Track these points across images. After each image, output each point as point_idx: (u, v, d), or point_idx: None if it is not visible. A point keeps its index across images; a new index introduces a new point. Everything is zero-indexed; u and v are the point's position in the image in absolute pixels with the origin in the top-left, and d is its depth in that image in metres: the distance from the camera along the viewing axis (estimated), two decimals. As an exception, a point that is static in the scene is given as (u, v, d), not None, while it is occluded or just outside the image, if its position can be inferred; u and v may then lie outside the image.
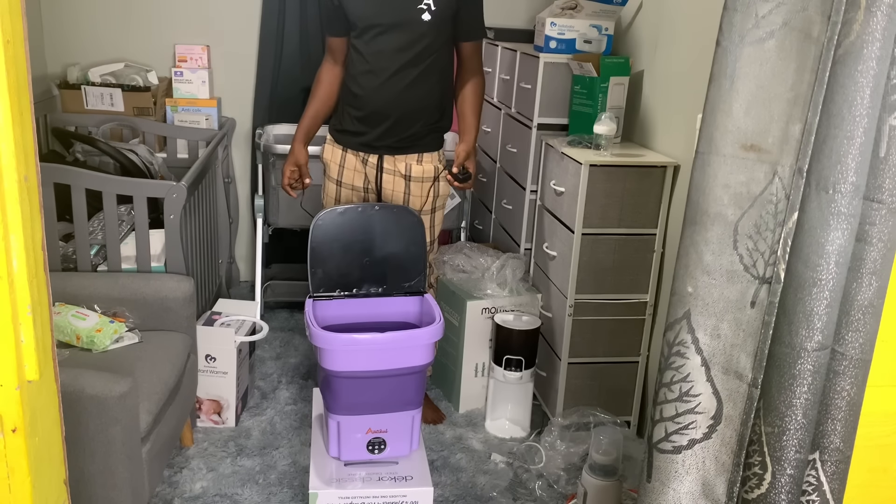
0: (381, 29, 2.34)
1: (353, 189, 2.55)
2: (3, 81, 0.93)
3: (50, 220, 2.43)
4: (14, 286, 0.98)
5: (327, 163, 2.58)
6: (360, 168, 2.52)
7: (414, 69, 2.37)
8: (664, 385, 1.38)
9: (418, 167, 2.48)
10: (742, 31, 1.20)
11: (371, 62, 2.38)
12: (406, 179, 2.49)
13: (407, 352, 2.02)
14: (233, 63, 3.66)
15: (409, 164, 2.48)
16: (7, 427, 1.01)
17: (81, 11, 3.52)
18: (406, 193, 2.50)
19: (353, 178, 2.53)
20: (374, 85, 2.39)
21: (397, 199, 2.51)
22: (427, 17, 2.32)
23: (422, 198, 2.51)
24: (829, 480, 1.32)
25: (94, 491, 1.87)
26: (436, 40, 2.37)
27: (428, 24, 2.32)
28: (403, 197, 2.50)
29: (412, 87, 2.39)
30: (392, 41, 2.34)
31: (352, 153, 2.52)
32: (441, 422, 2.78)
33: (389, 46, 2.35)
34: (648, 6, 2.84)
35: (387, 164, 2.48)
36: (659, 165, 2.53)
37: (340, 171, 2.54)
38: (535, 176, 2.93)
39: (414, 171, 2.48)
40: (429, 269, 2.58)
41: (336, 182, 2.56)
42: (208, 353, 2.59)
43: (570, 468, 2.47)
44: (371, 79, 2.39)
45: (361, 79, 2.41)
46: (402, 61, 2.36)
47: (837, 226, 1.16)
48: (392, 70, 2.36)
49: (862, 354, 1.25)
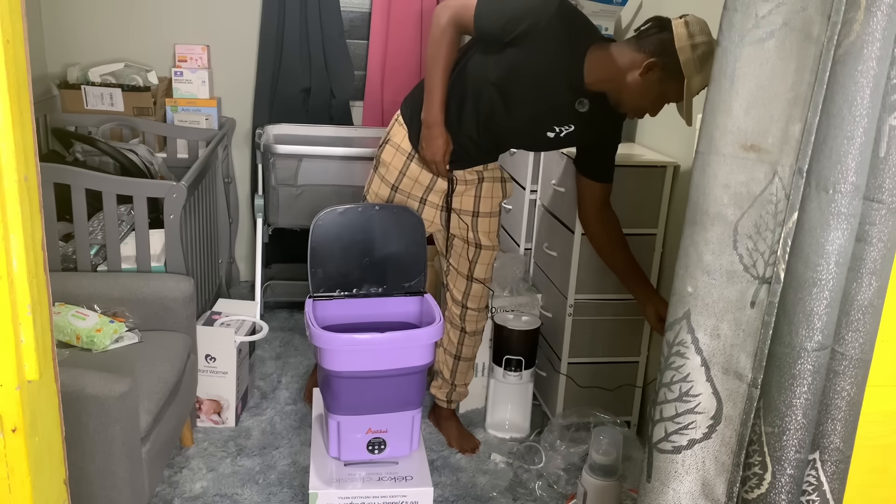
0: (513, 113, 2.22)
1: (409, 196, 2.43)
2: (3, 81, 0.93)
3: (50, 220, 2.43)
4: (14, 286, 0.98)
5: (386, 164, 2.42)
6: (423, 181, 2.40)
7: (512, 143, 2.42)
8: (664, 385, 1.38)
9: (487, 171, 2.45)
10: (742, 31, 1.20)
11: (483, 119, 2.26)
12: (479, 182, 2.44)
13: (407, 352, 2.02)
14: (233, 63, 3.66)
15: (479, 171, 2.44)
16: (7, 427, 1.01)
17: (81, 11, 3.52)
18: (477, 196, 2.45)
19: (412, 188, 2.42)
20: (472, 134, 2.29)
21: (466, 201, 2.44)
22: (551, 136, 2.25)
23: (492, 199, 2.47)
24: (829, 480, 1.32)
25: (94, 491, 1.87)
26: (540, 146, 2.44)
27: (548, 141, 2.27)
28: (474, 200, 2.45)
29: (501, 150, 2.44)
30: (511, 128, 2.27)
31: (416, 164, 2.38)
32: (477, 451, 2.65)
33: (504, 127, 2.27)
34: (648, 6, 2.84)
35: (458, 175, 2.41)
36: (659, 165, 2.53)
37: (400, 178, 2.40)
38: (535, 176, 2.93)
39: (485, 173, 2.45)
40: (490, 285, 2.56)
41: (392, 187, 2.42)
42: (208, 353, 2.59)
43: (570, 468, 2.47)
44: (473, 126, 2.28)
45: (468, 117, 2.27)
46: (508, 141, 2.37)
47: (837, 226, 1.16)
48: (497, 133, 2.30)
49: (862, 354, 1.25)
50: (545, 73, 2.13)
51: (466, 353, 2.62)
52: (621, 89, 2.09)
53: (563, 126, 2.22)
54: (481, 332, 2.63)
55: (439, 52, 2.17)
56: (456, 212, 2.45)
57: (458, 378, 2.65)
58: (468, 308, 2.55)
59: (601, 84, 2.12)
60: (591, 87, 2.13)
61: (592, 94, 2.15)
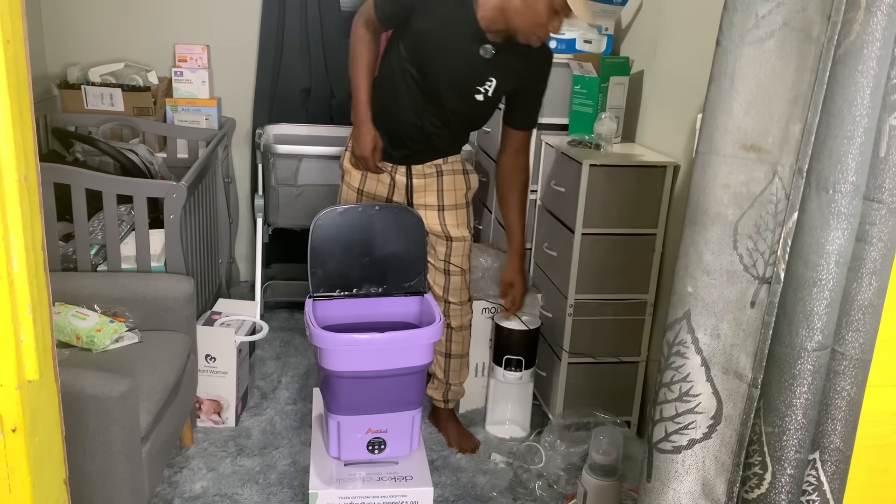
0: (438, 88, 2.31)
1: (374, 198, 2.50)
2: (3, 81, 0.93)
3: (50, 220, 2.43)
4: (14, 286, 0.98)
5: (349, 171, 2.50)
6: (384, 179, 2.48)
7: (456, 123, 2.43)
8: (664, 385, 1.38)
9: (447, 165, 2.51)
10: (742, 31, 1.20)
11: (418, 102, 2.34)
12: (438, 175, 2.49)
13: (407, 352, 2.02)
14: (233, 63, 3.66)
15: (437, 164, 2.49)
16: (7, 427, 1.01)
17: (81, 11, 3.52)
18: (439, 189, 2.49)
19: (376, 188, 2.49)
20: (415, 120, 2.37)
21: (430, 197, 2.48)
22: (480, 98, 2.33)
23: (455, 191, 2.51)
24: (830, 480, 1.32)
25: (94, 491, 1.87)
26: (483, 113, 2.44)
27: (480, 104, 2.35)
28: (436, 194, 2.48)
29: (448, 135, 2.44)
30: (443, 101, 2.33)
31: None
32: (477, 451, 2.66)
33: (438, 104, 2.34)
34: (648, 6, 2.84)
35: (415, 170, 2.47)
36: (659, 165, 2.53)
37: (363, 181, 2.49)
38: (535, 176, 2.93)
39: (444, 167, 2.50)
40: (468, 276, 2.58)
41: (357, 191, 2.50)
42: (208, 353, 2.59)
43: (570, 468, 2.47)
44: (413, 115, 2.36)
45: (405, 109, 2.36)
46: (447, 118, 2.38)
47: (837, 226, 1.16)
48: (436, 120, 2.37)
49: (862, 354, 1.25)
50: (445, 32, 2.24)
51: (457, 350, 2.64)
52: (512, 17, 2.17)
53: (485, 82, 2.30)
54: (468, 328, 2.65)
55: (357, 55, 2.34)
56: (422, 207, 2.49)
57: (452, 377, 2.66)
58: (450, 303, 2.57)
59: (495, 22, 2.21)
60: (489, 30, 2.23)
61: (494, 39, 2.24)
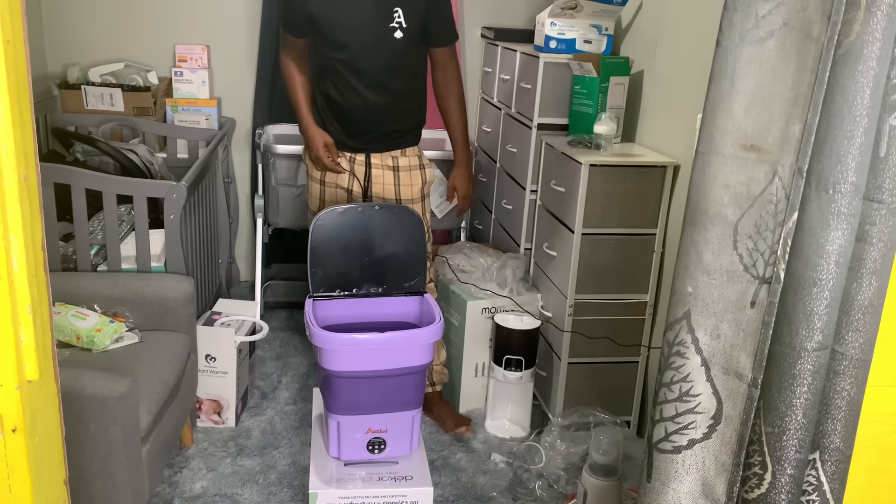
0: (357, 48, 2.38)
1: (337, 187, 2.57)
2: (3, 81, 0.93)
3: (50, 220, 2.43)
4: (14, 286, 0.98)
5: (309, 165, 2.61)
6: (345, 166, 2.55)
7: (393, 81, 2.45)
8: (664, 385, 1.38)
9: (404, 158, 2.57)
10: (742, 31, 1.20)
11: (350, 77, 2.42)
12: (395, 171, 2.55)
13: (407, 352, 2.02)
14: (233, 63, 3.66)
15: (394, 157, 2.56)
16: (7, 427, 1.01)
17: (81, 11, 3.52)
18: (396, 184, 2.55)
19: (338, 178, 2.56)
20: (356, 98, 2.45)
21: (388, 189, 2.56)
22: (399, 35, 2.37)
23: (412, 186, 2.57)
24: (829, 480, 1.32)
25: (94, 491, 1.87)
26: (411, 52, 2.45)
27: (401, 41, 2.38)
28: (394, 188, 2.55)
29: (393, 99, 2.48)
30: (369, 59, 2.39)
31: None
32: (470, 429, 2.71)
33: (367, 64, 2.40)
34: (648, 6, 2.84)
35: (374, 159, 2.55)
36: (659, 165, 2.53)
37: (324, 172, 2.57)
38: (535, 176, 2.93)
39: (401, 162, 2.57)
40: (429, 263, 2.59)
41: (320, 182, 2.58)
42: (208, 353, 2.59)
43: (570, 468, 2.47)
44: (352, 92, 2.44)
45: (343, 89, 2.45)
46: (382, 77, 2.43)
47: (837, 226, 1.16)
48: (372, 84, 2.43)
49: (862, 354, 1.25)
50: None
51: None
52: None
53: (394, 15, 2.36)
54: None
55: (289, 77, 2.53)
56: (380, 200, 2.54)
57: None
58: None
59: None
60: None
61: None
